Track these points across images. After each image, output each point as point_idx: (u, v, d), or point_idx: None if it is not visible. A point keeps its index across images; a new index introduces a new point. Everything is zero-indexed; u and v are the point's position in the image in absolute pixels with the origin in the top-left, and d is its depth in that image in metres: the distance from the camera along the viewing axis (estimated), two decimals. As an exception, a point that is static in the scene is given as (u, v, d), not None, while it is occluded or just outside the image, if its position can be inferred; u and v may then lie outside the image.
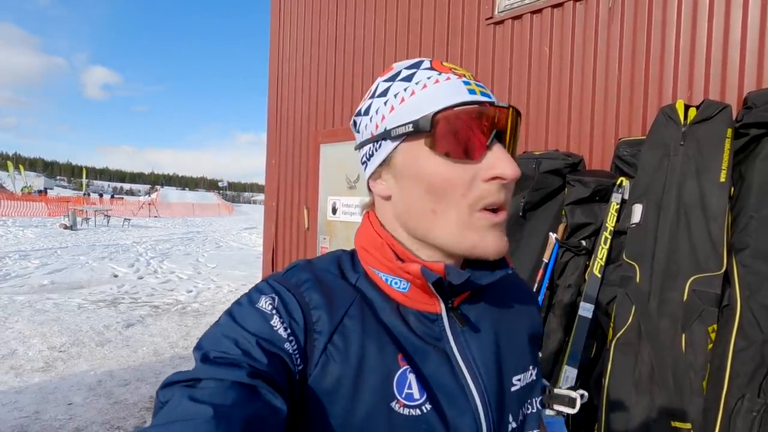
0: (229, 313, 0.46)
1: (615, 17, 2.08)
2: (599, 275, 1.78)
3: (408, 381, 0.46)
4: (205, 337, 0.44)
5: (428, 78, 0.48)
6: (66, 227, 15.60)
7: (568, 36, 2.22)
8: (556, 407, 0.58)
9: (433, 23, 2.81)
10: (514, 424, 0.52)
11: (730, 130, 1.60)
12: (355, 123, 0.55)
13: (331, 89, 3.50)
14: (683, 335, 1.46)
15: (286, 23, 3.91)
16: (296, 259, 3.88)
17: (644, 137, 1.84)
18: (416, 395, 0.46)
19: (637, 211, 1.70)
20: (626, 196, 1.85)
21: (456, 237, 0.47)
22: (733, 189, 1.61)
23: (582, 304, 1.77)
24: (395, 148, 0.49)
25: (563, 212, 2.00)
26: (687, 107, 1.70)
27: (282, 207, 3.93)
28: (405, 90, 0.49)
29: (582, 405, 0.68)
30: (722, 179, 1.57)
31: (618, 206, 1.85)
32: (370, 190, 0.55)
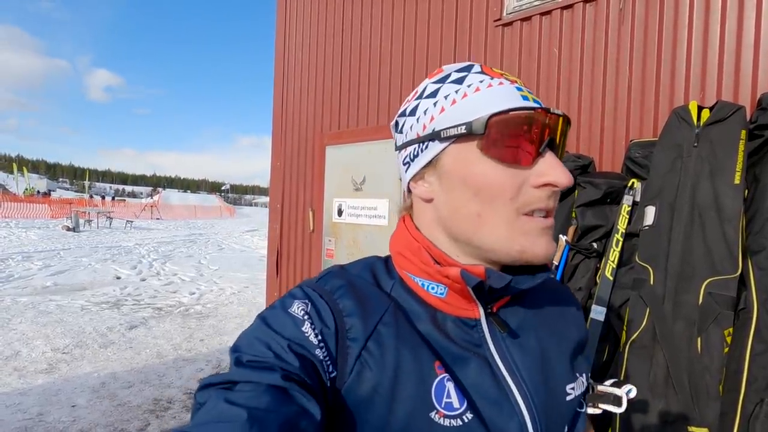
0: (263, 317, 0.47)
1: (626, 18, 2.07)
2: (611, 278, 1.76)
3: (446, 389, 0.45)
4: (240, 339, 0.45)
5: (480, 81, 0.48)
6: (68, 229, 15.63)
7: (578, 37, 2.22)
8: (602, 406, 0.56)
9: (441, 25, 2.81)
10: None
11: (744, 132, 1.59)
12: (397, 124, 0.54)
13: (336, 91, 3.50)
14: (699, 338, 1.44)
15: (292, 24, 3.92)
16: (301, 261, 3.87)
17: (656, 139, 1.82)
18: (456, 404, 0.44)
19: (649, 213, 1.69)
20: (638, 198, 1.83)
21: (505, 241, 0.46)
22: (747, 191, 1.59)
23: (594, 307, 1.75)
24: (443, 150, 0.48)
25: (573, 214, 1.99)
26: (700, 108, 1.69)
27: (287, 209, 3.92)
28: (456, 92, 0.48)
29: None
30: (736, 181, 1.56)
31: (629, 208, 1.83)
32: (409, 191, 0.54)
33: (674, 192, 1.65)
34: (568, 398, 0.52)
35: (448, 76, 0.50)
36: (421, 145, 0.50)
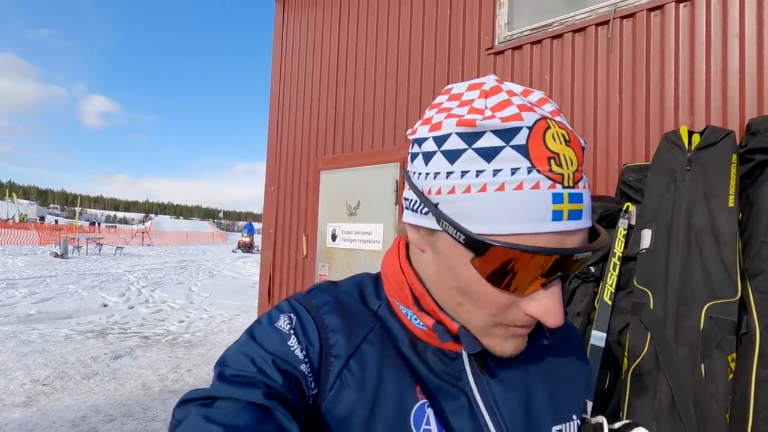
0: (250, 331, 0.46)
1: (614, 47, 2.13)
2: (610, 302, 1.73)
3: (426, 416, 0.43)
4: (226, 353, 0.45)
5: (513, 172, 0.36)
6: (57, 255, 15.34)
7: (569, 65, 2.27)
8: None
9: (434, 53, 2.88)
10: None
11: (735, 156, 1.61)
12: (413, 144, 0.44)
13: (332, 116, 3.53)
14: (702, 365, 1.41)
15: (288, 49, 4.00)
16: (293, 287, 3.80)
17: (649, 163, 1.84)
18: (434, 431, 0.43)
19: (646, 237, 1.68)
20: (633, 222, 1.83)
21: (476, 332, 0.45)
22: (741, 214, 1.59)
23: (593, 332, 1.71)
24: (440, 231, 0.41)
25: (569, 238, 1.98)
26: (691, 133, 1.71)
27: (280, 234, 3.88)
28: (477, 175, 0.37)
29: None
30: (731, 204, 1.56)
31: (625, 231, 1.82)
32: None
33: (669, 215, 1.65)
34: None
35: (481, 136, 0.38)
36: (421, 205, 0.43)
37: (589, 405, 0.57)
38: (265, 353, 0.42)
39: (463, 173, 0.38)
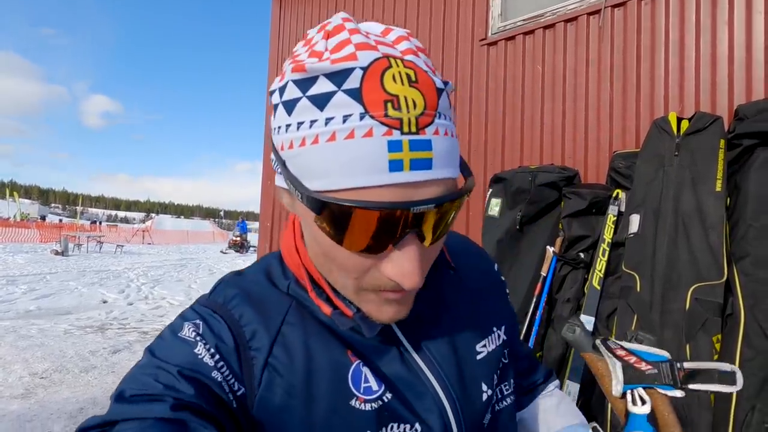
0: (150, 349, 0.41)
1: (605, 36, 2.14)
2: (599, 287, 1.75)
3: (363, 374, 0.43)
4: (123, 379, 0.38)
5: (344, 120, 0.32)
6: (57, 253, 15.39)
7: (561, 55, 2.28)
8: (701, 387, 0.49)
9: (429, 44, 2.89)
10: (490, 391, 0.50)
11: (723, 141, 1.62)
12: (271, 96, 0.39)
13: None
14: (687, 345, 1.42)
15: (285, 45, 4.01)
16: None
17: (638, 150, 1.85)
18: (374, 387, 0.43)
19: (634, 221, 1.69)
20: (623, 208, 1.85)
21: (352, 299, 0.42)
22: (729, 199, 1.60)
23: (582, 317, 1.73)
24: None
25: (560, 225, 1.99)
26: (679, 119, 1.73)
27: (277, 228, 3.90)
28: (311, 126, 0.33)
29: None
30: (718, 189, 1.57)
31: (615, 218, 1.84)
32: None
33: (658, 200, 1.66)
34: (479, 357, 0.50)
35: (315, 81, 0.33)
36: (277, 164, 0.39)
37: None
38: (171, 366, 0.38)
39: (299, 125, 0.34)
